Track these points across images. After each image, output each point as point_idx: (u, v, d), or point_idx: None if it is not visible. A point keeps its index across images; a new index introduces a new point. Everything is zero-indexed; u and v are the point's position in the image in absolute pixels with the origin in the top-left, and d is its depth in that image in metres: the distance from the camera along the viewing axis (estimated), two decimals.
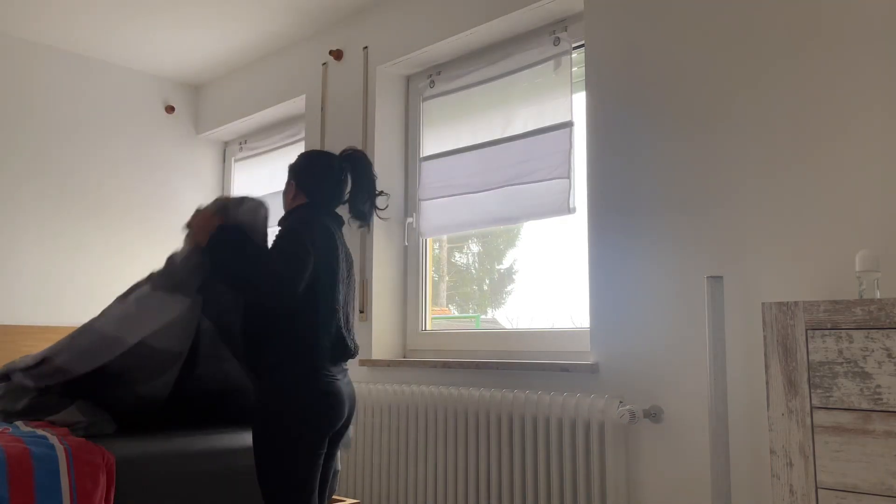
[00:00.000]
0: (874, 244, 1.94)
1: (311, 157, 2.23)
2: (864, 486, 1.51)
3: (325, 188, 2.18)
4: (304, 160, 2.23)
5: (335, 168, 2.19)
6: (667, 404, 2.29)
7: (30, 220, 3.87)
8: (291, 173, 2.22)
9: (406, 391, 2.94)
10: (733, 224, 2.20)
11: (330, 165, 2.20)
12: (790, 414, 1.62)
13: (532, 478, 2.50)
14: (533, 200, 2.89)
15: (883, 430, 1.49)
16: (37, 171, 3.92)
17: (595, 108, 2.58)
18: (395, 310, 3.38)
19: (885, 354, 1.50)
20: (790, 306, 1.64)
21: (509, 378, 2.73)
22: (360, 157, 2.23)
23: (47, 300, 3.89)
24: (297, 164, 2.23)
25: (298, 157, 2.25)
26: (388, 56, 3.40)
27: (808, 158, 2.08)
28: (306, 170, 2.20)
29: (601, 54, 2.59)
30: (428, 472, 2.83)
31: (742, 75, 2.23)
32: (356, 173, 2.21)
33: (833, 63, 2.05)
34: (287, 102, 3.98)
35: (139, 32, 3.86)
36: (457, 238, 3.42)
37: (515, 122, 3.03)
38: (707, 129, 2.29)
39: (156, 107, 4.44)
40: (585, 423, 2.39)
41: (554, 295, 2.92)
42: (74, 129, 4.08)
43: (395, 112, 3.50)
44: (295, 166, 2.23)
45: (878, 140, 1.96)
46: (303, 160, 2.23)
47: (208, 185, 4.64)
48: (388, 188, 3.42)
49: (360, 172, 2.21)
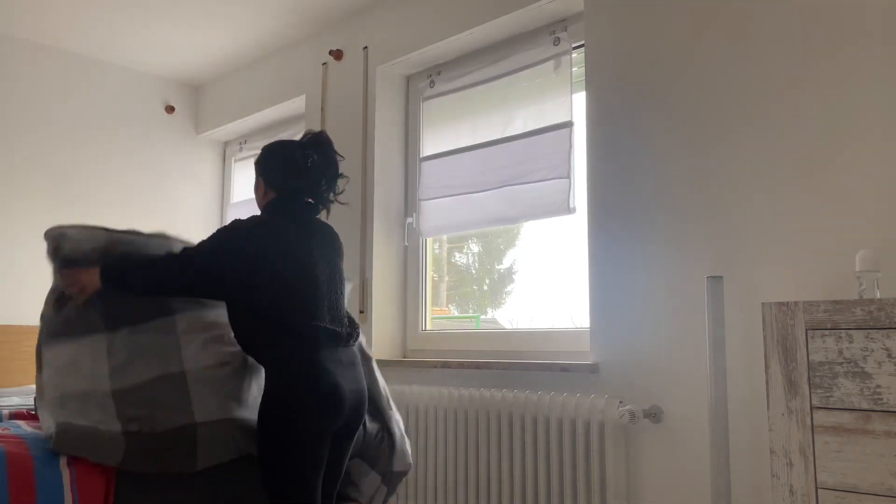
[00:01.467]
0: (874, 244, 1.94)
1: (271, 150, 2.15)
2: (864, 486, 1.51)
3: (290, 178, 2.09)
4: (266, 153, 2.15)
5: (297, 155, 2.10)
6: (667, 404, 2.29)
7: (30, 219, 3.87)
8: (257, 170, 2.16)
9: (406, 391, 2.94)
10: (733, 224, 2.20)
11: (292, 154, 2.10)
12: (790, 414, 1.62)
13: (532, 478, 2.50)
14: (533, 200, 2.89)
15: (883, 430, 1.49)
16: (37, 171, 3.92)
17: (595, 108, 2.58)
18: (395, 310, 3.38)
19: (885, 354, 1.51)
20: (790, 306, 1.64)
21: (509, 378, 2.73)
22: (321, 140, 2.14)
23: None
24: (259, 159, 2.16)
25: (261, 151, 2.17)
26: (388, 56, 3.40)
27: (808, 158, 2.08)
28: (269, 163, 2.13)
29: (601, 54, 2.59)
30: (428, 472, 2.83)
31: (742, 75, 2.23)
32: (319, 156, 2.12)
33: (833, 63, 2.05)
34: (287, 102, 3.98)
35: (139, 32, 3.86)
36: (457, 238, 3.42)
37: (515, 122, 3.03)
38: (707, 128, 2.29)
39: (156, 107, 4.44)
40: (585, 423, 2.39)
41: (554, 295, 2.92)
42: (74, 128, 4.08)
43: (395, 112, 3.50)
44: (258, 162, 2.15)
45: (879, 140, 1.96)
46: (264, 154, 2.16)
47: (208, 185, 4.64)
48: (388, 188, 3.42)
49: (321, 155, 2.12)
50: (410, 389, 2.92)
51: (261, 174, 2.15)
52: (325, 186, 2.13)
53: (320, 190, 2.13)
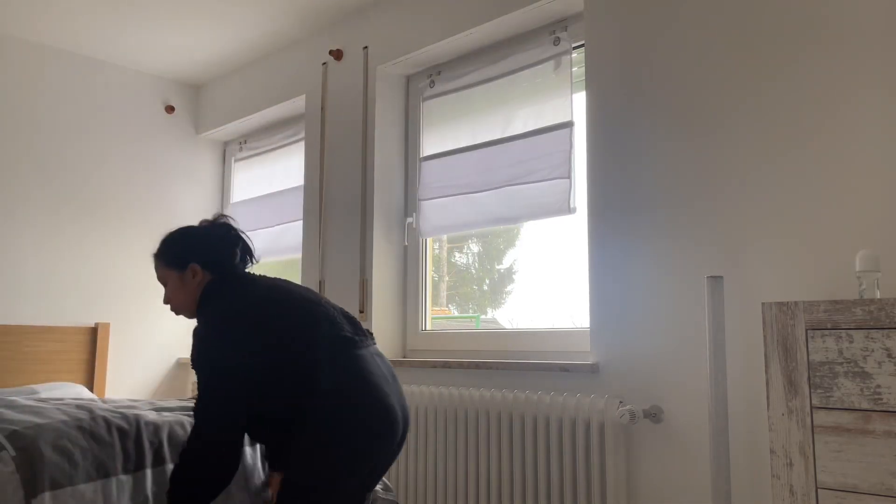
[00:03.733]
0: (874, 244, 1.94)
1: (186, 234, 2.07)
2: (864, 486, 1.51)
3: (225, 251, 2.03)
4: (185, 239, 2.05)
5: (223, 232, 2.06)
6: (667, 404, 2.29)
7: (30, 219, 3.87)
8: (177, 261, 2.01)
9: (406, 391, 2.94)
10: (733, 224, 2.20)
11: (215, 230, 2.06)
12: (790, 414, 1.62)
13: (532, 478, 2.50)
14: (533, 200, 2.89)
15: (883, 430, 1.49)
16: (37, 171, 3.92)
17: (595, 108, 2.58)
18: (395, 310, 3.38)
19: (885, 354, 1.50)
20: (790, 306, 1.64)
21: (509, 378, 2.73)
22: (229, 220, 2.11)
23: (47, 300, 3.89)
24: (175, 249, 2.03)
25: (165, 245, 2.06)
26: (388, 56, 3.40)
27: (808, 158, 2.08)
28: (196, 246, 2.03)
29: (601, 54, 2.59)
30: (427, 472, 2.83)
31: (742, 74, 2.23)
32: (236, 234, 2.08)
33: (833, 61, 2.05)
34: (287, 102, 3.98)
35: (139, 32, 3.86)
36: (457, 238, 3.42)
37: (515, 122, 3.03)
38: (707, 128, 2.29)
39: (156, 107, 4.44)
40: (585, 423, 2.39)
41: (554, 295, 2.92)
42: (74, 128, 4.08)
43: (395, 112, 3.50)
44: (176, 253, 2.02)
45: (879, 140, 1.96)
46: (182, 240, 2.05)
47: (208, 185, 4.64)
48: (388, 188, 3.42)
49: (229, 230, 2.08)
50: (410, 389, 2.92)
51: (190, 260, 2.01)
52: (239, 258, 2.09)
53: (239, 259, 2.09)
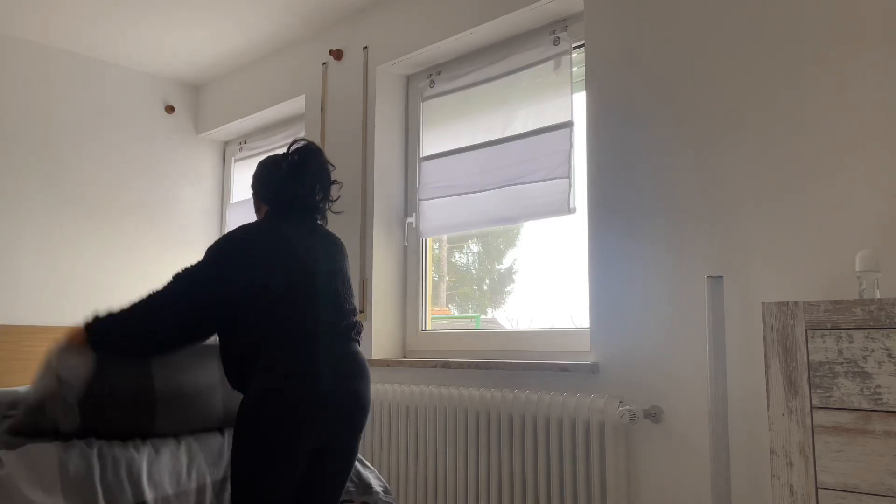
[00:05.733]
0: (874, 244, 1.94)
1: (260, 165, 2.16)
2: (864, 486, 1.51)
3: (282, 191, 2.08)
4: (257, 170, 2.17)
5: (282, 166, 2.09)
6: (667, 404, 2.29)
7: (30, 219, 3.87)
8: (252, 190, 2.18)
9: (406, 391, 2.94)
10: (733, 224, 2.20)
11: (277, 166, 2.10)
12: (790, 414, 1.62)
13: (532, 478, 2.50)
14: (533, 200, 2.89)
15: (883, 430, 1.49)
16: (37, 171, 3.92)
17: (595, 108, 2.58)
18: (395, 310, 3.38)
19: (885, 354, 1.50)
20: (790, 306, 1.64)
21: (509, 378, 2.73)
22: (306, 148, 2.11)
23: (47, 300, 3.89)
24: (252, 182, 2.17)
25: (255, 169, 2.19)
26: (388, 56, 3.40)
27: (808, 158, 2.08)
28: (259, 178, 2.14)
29: (601, 54, 2.59)
30: (427, 472, 2.83)
31: (742, 75, 2.23)
32: (305, 164, 2.08)
33: (834, 63, 2.05)
34: (287, 102, 3.98)
35: (139, 32, 3.86)
36: (457, 238, 3.42)
37: (515, 122, 3.03)
38: (707, 128, 2.29)
39: (156, 107, 4.44)
40: (585, 423, 2.39)
41: (554, 295, 2.92)
42: (74, 128, 4.08)
43: (395, 112, 3.50)
44: (252, 185, 2.17)
45: (879, 140, 1.96)
46: (255, 172, 2.17)
47: (208, 185, 4.64)
48: (388, 188, 3.42)
49: (308, 162, 2.09)
50: (410, 389, 2.92)
51: (255, 192, 2.16)
52: (319, 195, 2.12)
53: (314, 199, 2.11)
